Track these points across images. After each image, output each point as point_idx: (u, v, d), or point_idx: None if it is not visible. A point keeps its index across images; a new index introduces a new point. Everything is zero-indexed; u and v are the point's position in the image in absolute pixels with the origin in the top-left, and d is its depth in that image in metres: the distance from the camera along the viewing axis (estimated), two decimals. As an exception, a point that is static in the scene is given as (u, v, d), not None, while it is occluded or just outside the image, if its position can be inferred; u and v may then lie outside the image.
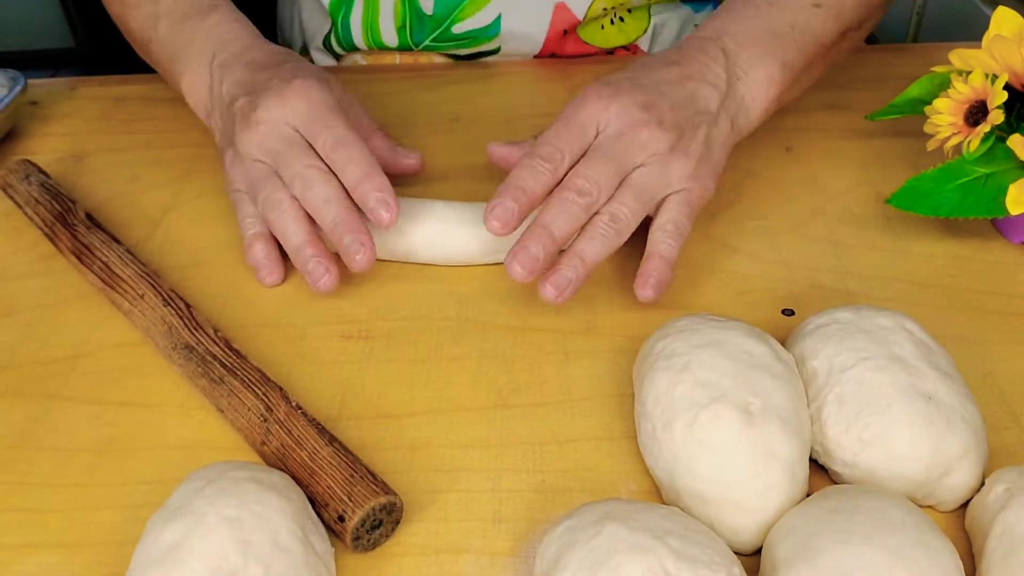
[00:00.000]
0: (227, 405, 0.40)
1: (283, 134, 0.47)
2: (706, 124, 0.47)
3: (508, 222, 0.43)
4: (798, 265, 0.49)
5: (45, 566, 0.36)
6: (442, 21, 0.68)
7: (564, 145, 0.45)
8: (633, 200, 0.44)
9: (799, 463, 0.35)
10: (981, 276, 0.47)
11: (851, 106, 0.61)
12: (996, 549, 0.32)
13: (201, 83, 0.54)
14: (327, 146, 0.47)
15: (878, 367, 0.36)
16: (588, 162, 0.44)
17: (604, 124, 0.45)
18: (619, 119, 0.45)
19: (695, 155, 0.46)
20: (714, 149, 0.47)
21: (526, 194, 0.44)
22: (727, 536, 0.34)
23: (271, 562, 0.31)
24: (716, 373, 0.36)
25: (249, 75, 0.51)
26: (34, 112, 0.66)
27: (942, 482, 0.35)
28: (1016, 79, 0.46)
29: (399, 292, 0.48)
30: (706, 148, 0.47)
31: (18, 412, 0.42)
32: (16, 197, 0.54)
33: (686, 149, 0.46)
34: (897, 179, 0.50)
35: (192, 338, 0.42)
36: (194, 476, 0.34)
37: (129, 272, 0.46)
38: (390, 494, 0.35)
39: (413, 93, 0.66)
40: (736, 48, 0.50)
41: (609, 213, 0.44)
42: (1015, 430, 0.39)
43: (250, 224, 0.49)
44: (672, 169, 0.45)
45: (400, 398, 0.42)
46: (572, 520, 0.32)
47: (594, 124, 0.45)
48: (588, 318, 0.46)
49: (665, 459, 0.36)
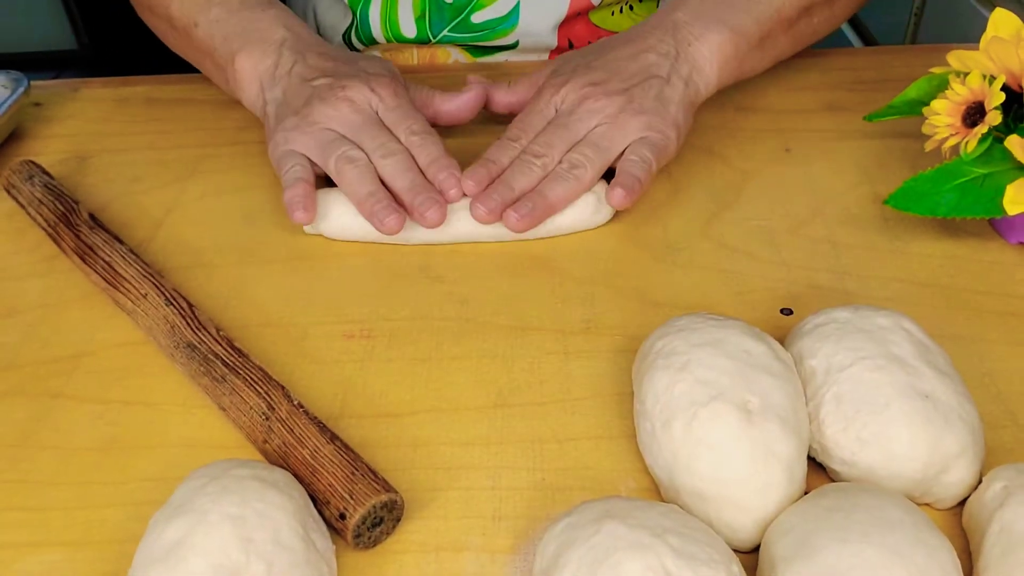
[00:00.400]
0: (229, 404, 0.40)
1: (367, 113, 0.52)
2: (657, 84, 0.53)
3: (480, 182, 0.50)
4: (797, 265, 0.49)
5: (48, 564, 0.36)
6: (461, 9, 0.69)
7: (527, 127, 0.53)
8: (590, 150, 0.50)
9: (797, 461, 0.35)
10: (979, 276, 0.48)
11: (849, 107, 0.61)
12: (994, 546, 0.32)
13: (263, 60, 0.56)
14: (408, 131, 0.52)
15: (876, 366, 0.36)
16: (543, 132, 0.52)
17: (559, 103, 0.53)
18: (571, 96, 0.52)
19: (649, 110, 0.52)
20: (669, 105, 0.52)
21: (496, 164, 0.51)
22: (726, 534, 0.35)
23: (273, 559, 0.31)
24: (715, 372, 0.36)
25: (328, 63, 0.55)
26: (37, 113, 0.66)
27: (940, 480, 0.35)
28: (1014, 80, 0.46)
29: (400, 292, 0.49)
30: (660, 103, 0.52)
31: (21, 411, 0.43)
32: (19, 198, 0.54)
33: (639, 107, 0.51)
34: (895, 180, 0.51)
35: (195, 337, 0.42)
36: (196, 474, 0.35)
37: (132, 272, 0.47)
38: (391, 492, 0.35)
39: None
40: (687, 19, 0.55)
41: (568, 160, 0.50)
42: (1012, 429, 0.39)
43: (295, 171, 0.51)
44: (626, 125, 0.51)
45: (401, 397, 0.42)
46: (572, 518, 0.33)
47: (552, 106, 0.53)
48: (588, 318, 0.46)
49: (664, 457, 0.36)
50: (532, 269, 0.50)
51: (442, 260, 0.51)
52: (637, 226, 0.52)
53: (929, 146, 0.49)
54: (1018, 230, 0.49)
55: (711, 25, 0.55)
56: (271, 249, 0.52)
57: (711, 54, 0.54)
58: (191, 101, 0.64)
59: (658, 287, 0.48)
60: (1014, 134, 0.45)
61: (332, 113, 0.52)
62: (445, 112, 0.57)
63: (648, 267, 0.49)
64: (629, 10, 0.72)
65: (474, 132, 0.60)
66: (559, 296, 0.48)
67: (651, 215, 0.53)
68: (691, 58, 0.54)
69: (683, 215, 0.53)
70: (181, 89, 0.68)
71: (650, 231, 0.52)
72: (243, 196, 0.56)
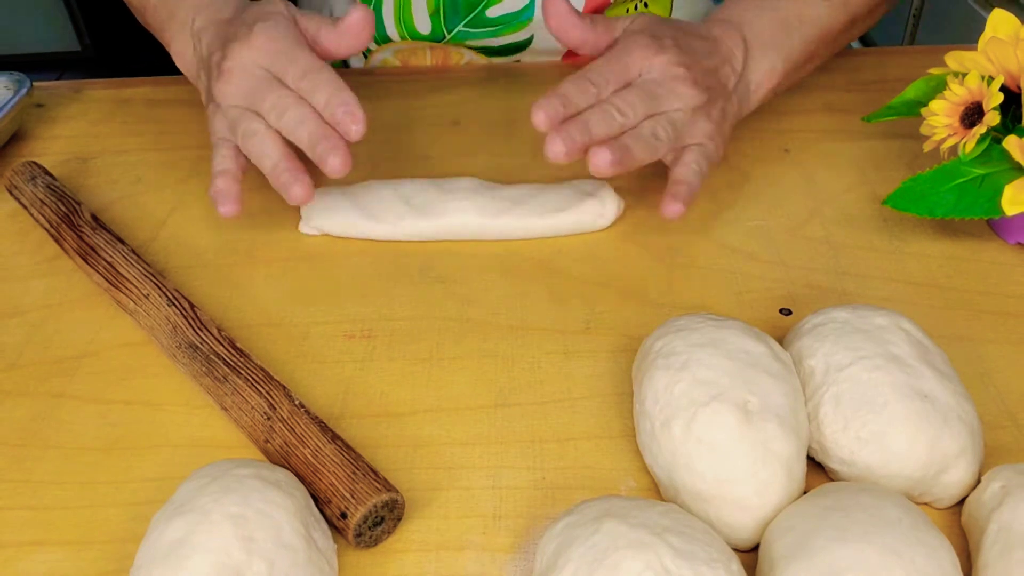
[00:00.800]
0: (231, 403, 0.40)
1: (253, 75, 0.49)
2: (723, 98, 0.52)
3: (552, 117, 0.46)
4: (795, 265, 0.49)
5: (50, 563, 0.36)
6: (476, 4, 0.69)
7: (610, 75, 0.49)
8: (671, 128, 0.48)
9: (796, 461, 0.35)
10: (977, 276, 0.48)
11: (848, 108, 0.62)
12: (992, 546, 0.32)
13: (187, 49, 0.57)
14: (295, 77, 0.49)
15: (875, 366, 0.37)
16: (629, 91, 0.49)
17: (647, 70, 0.50)
18: (661, 69, 0.49)
19: (715, 119, 0.51)
20: (726, 121, 0.52)
21: (570, 101, 0.47)
22: (725, 533, 0.35)
23: (274, 558, 0.31)
24: (715, 372, 0.36)
25: (222, 30, 0.53)
26: (39, 114, 0.66)
27: (938, 480, 0.36)
28: (1012, 81, 0.46)
29: (401, 292, 0.49)
30: (722, 117, 0.52)
31: (24, 411, 0.43)
32: (22, 199, 0.55)
33: (709, 112, 0.50)
34: (893, 180, 0.51)
35: (196, 337, 0.43)
36: (198, 474, 0.35)
37: (134, 272, 0.47)
38: (392, 491, 0.35)
39: (421, 96, 0.67)
40: (751, 38, 0.55)
41: (651, 128, 0.48)
42: (1011, 428, 0.39)
43: (219, 162, 0.50)
44: (698, 123, 0.50)
45: (402, 397, 0.42)
46: (572, 517, 0.33)
47: (638, 68, 0.50)
48: (588, 318, 0.46)
49: (664, 457, 0.36)
50: (532, 269, 0.50)
51: (443, 260, 0.51)
52: (637, 226, 0.53)
53: (927, 147, 0.49)
54: (1016, 230, 0.49)
55: (767, 52, 0.55)
56: (272, 249, 0.52)
57: (761, 80, 0.55)
58: (192, 102, 0.64)
59: (658, 287, 0.48)
60: (1012, 135, 0.45)
61: (225, 88, 0.50)
62: (327, 42, 0.51)
63: (648, 267, 0.50)
64: (644, 7, 0.72)
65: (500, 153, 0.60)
66: (559, 296, 0.48)
67: (651, 215, 0.53)
68: (747, 81, 0.54)
69: (683, 215, 0.53)
70: (182, 90, 0.68)
71: (650, 231, 0.52)
72: (244, 196, 0.56)
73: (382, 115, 0.64)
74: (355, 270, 0.51)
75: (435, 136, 0.62)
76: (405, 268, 0.50)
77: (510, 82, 0.68)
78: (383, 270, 0.50)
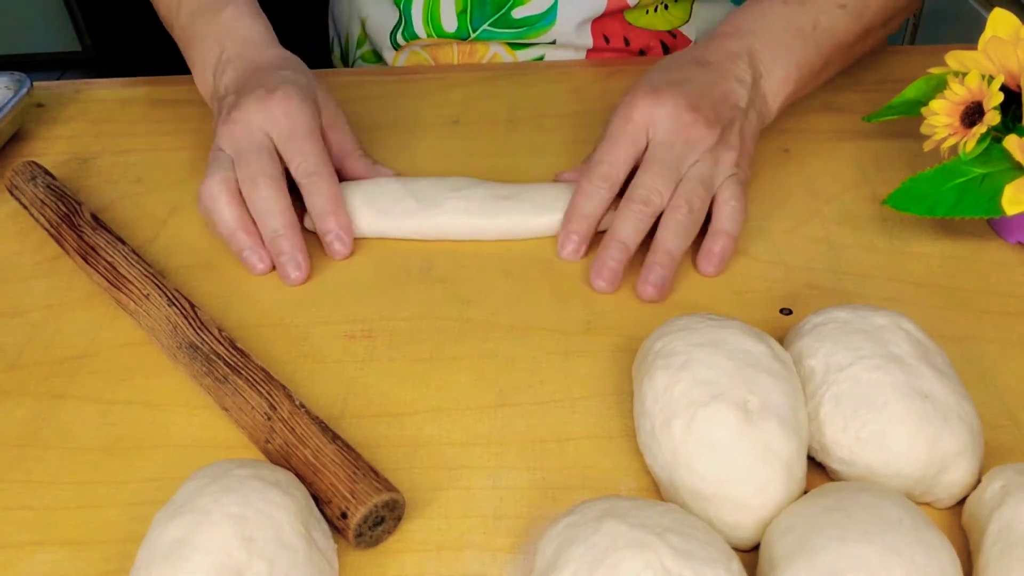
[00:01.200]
0: (231, 404, 0.40)
1: (253, 137, 0.51)
2: (739, 118, 0.51)
3: (578, 251, 0.49)
4: (796, 265, 0.49)
5: (51, 563, 0.36)
6: (502, 4, 0.69)
7: (618, 160, 0.49)
8: (703, 190, 0.48)
9: (797, 460, 0.35)
10: (977, 276, 0.48)
11: (848, 108, 0.62)
12: (993, 545, 0.32)
13: (207, 76, 0.58)
14: (300, 171, 0.51)
15: (875, 366, 0.37)
16: (647, 172, 0.48)
17: (653, 130, 0.49)
18: (668, 123, 0.49)
19: (735, 146, 0.51)
20: (747, 140, 0.52)
21: (588, 220, 0.49)
22: (725, 533, 0.35)
23: (275, 558, 0.31)
24: (715, 372, 0.36)
25: (244, 75, 0.54)
26: (40, 114, 0.66)
27: (939, 479, 0.36)
28: (1012, 80, 0.46)
29: (402, 293, 0.49)
30: (741, 139, 0.51)
31: (24, 411, 0.43)
32: (22, 199, 0.55)
33: (728, 142, 0.50)
34: (894, 180, 0.51)
35: (197, 338, 0.43)
36: (198, 474, 0.35)
37: (134, 272, 0.47)
38: (392, 491, 0.35)
39: (421, 96, 0.67)
40: (760, 47, 0.54)
41: (687, 203, 0.47)
42: (1011, 428, 0.39)
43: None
44: (721, 160, 0.50)
45: (402, 397, 0.43)
46: (572, 517, 0.33)
47: (644, 131, 0.49)
48: (588, 318, 0.46)
49: (664, 457, 0.36)
50: (532, 269, 0.50)
51: (443, 260, 0.51)
52: (637, 226, 0.53)
53: (928, 146, 0.49)
54: (1016, 230, 0.49)
55: (780, 58, 0.54)
56: (273, 250, 0.52)
57: (778, 89, 0.54)
58: (193, 102, 0.64)
59: (658, 287, 0.48)
60: (1012, 134, 0.45)
61: (226, 134, 0.51)
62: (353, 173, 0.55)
63: (648, 267, 0.50)
64: (664, 9, 0.72)
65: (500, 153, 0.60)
66: (559, 296, 0.48)
67: (651, 215, 0.53)
68: (762, 91, 0.54)
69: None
70: (183, 90, 0.68)
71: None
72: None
73: (382, 114, 0.64)
74: (355, 270, 0.51)
75: (435, 136, 0.62)
76: (405, 268, 0.50)
77: (510, 82, 0.68)
78: (383, 270, 0.50)
